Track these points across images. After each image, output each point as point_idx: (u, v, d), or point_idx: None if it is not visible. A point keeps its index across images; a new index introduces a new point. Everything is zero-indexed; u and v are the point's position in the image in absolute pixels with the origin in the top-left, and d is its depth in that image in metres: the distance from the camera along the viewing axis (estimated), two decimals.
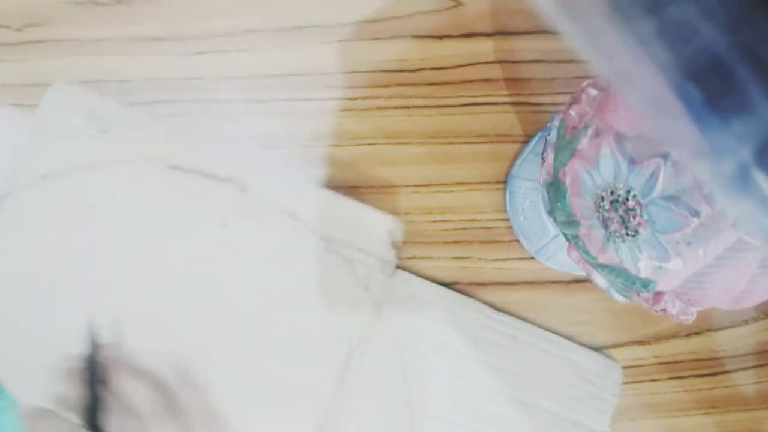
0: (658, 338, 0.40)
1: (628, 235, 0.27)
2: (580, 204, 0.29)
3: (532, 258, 0.39)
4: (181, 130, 0.38)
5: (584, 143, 0.28)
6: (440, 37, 0.39)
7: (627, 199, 0.26)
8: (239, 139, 0.39)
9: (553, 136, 0.32)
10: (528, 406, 0.37)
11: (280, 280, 0.36)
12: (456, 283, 0.39)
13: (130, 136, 0.36)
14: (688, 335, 0.40)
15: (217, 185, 0.36)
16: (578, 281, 0.39)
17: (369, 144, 0.39)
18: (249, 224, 0.36)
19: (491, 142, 0.39)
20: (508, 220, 0.39)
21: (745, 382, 0.40)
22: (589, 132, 0.28)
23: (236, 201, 0.36)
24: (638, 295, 0.29)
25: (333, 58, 0.39)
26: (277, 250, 0.36)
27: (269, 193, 0.36)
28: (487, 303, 0.38)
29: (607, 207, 0.27)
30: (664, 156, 0.25)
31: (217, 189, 0.36)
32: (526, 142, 0.39)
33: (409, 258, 0.39)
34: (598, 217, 0.28)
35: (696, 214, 0.25)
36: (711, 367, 0.40)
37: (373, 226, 0.37)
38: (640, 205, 0.26)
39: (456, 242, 0.39)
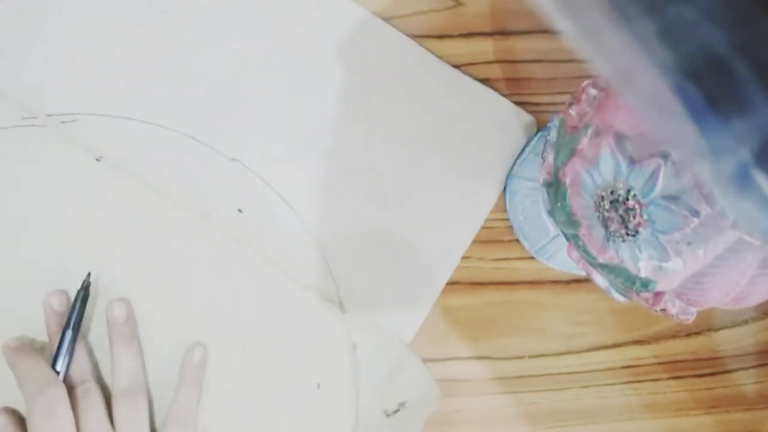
0: (658, 338, 0.40)
1: (628, 235, 0.27)
2: (580, 204, 0.29)
3: (532, 258, 0.39)
4: None
5: (584, 143, 0.28)
6: (440, 37, 0.39)
7: (627, 199, 0.26)
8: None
9: (553, 135, 0.32)
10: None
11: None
12: (456, 282, 0.39)
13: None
14: (688, 335, 0.40)
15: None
16: (578, 281, 0.39)
17: None
18: None
19: None
20: (508, 219, 0.39)
21: (745, 382, 0.40)
22: (589, 132, 0.28)
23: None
24: (638, 295, 0.29)
25: None
26: None
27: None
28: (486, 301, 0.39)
29: (607, 207, 0.27)
30: (664, 156, 0.25)
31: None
32: (526, 142, 0.39)
33: None
34: (598, 217, 0.28)
35: (696, 214, 0.25)
36: (711, 367, 0.40)
37: None
38: (640, 204, 0.26)
39: None
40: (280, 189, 0.37)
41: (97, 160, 0.36)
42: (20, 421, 0.33)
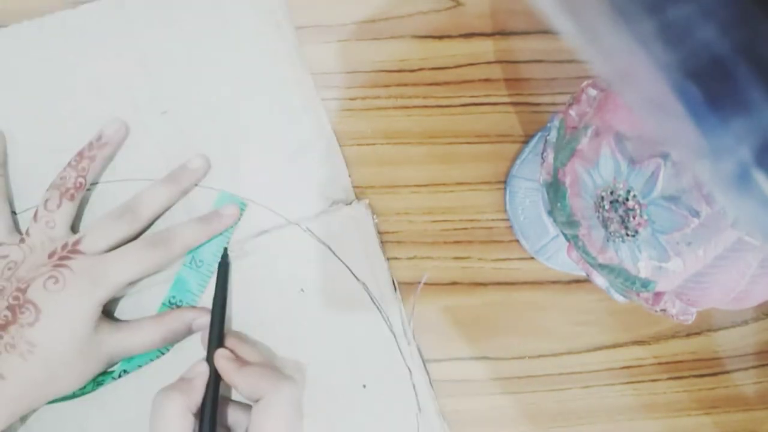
0: (658, 338, 0.40)
1: (628, 235, 0.27)
2: (580, 204, 0.29)
3: (532, 258, 0.39)
4: None
5: (584, 143, 0.28)
6: (440, 37, 0.39)
7: (627, 199, 0.26)
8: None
9: (552, 136, 0.32)
10: None
11: None
12: (456, 283, 0.39)
13: None
14: (688, 335, 0.40)
15: None
16: (578, 281, 0.39)
17: (369, 144, 0.39)
18: None
19: (491, 142, 0.39)
20: (508, 220, 0.39)
21: (745, 382, 0.40)
22: (589, 132, 0.28)
23: None
24: (638, 295, 0.29)
25: (333, 58, 0.39)
26: None
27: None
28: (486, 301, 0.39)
29: (607, 207, 0.27)
30: (664, 156, 0.25)
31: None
32: (526, 142, 0.39)
33: (410, 258, 0.39)
34: (598, 217, 0.28)
35: (696, 214, 0.25)
36: (711, 367, 0.40)
37: None
38: (640, 205, 0.26)
39: (456, 242, 0.39)
40: None
41: None
42: None
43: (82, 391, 0.34)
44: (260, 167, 0.38)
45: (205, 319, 0.35)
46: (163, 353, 0.35)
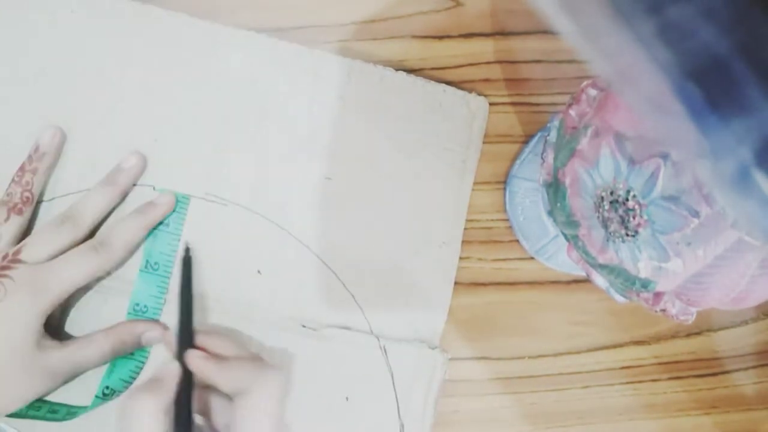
0: (658, 338, 0.40)
1: (627, 235, 0.27)
2: (580, 204, 0.29)
3: (532, 258, 0.39)
4: None
5: (584, 143, 0.28)
6: (440, 37, 0.39)
7: (627, 200, 0.26)
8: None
9: (552, 136, 0.32)
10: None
11: None
12: (456, 283, 0.39)
13: None
14: (688, 335, 0.40)
15: None
16: (578, 281, 0.39)
17: None
18: None
19: (491, 142, 0.39)
20: (508, 220, 0.39)
21: (745, 382, 0.40)
22: (589, 132, 0.28)
23: None
24: (638, 295, 0.29)
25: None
26: None
27: None
28: None
29: (606, 207, 0.27)
30: (664, 156, 0.25)
31: None
32: (526, 142, 0.39)
33: None
34: (598, 218, 0.28)
35: (696, 214, 0.24)
36: (711, 367, 0.40)
37: None
38: (639, 205, 0.26)
39: None
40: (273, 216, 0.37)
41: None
42: None
43: (69, 413, 0.33)
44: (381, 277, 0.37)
45: (156, 332, 0.34)
46: (143, 363, 0.35)
